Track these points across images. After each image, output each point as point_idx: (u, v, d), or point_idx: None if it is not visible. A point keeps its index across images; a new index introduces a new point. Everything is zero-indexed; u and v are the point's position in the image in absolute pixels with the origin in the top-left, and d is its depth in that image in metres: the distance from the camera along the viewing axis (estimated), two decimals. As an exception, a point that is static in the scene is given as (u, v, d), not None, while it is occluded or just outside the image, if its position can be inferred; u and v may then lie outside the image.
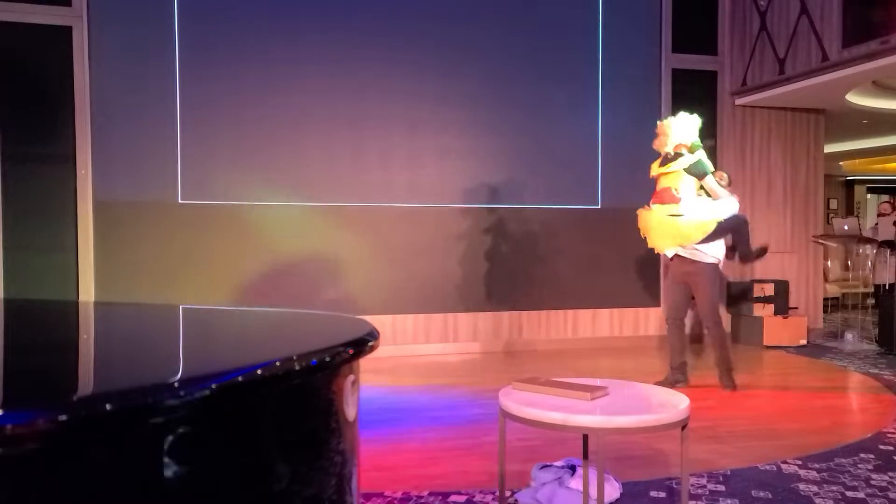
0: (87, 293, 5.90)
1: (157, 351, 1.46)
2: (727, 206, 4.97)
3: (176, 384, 1.00)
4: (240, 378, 1.04)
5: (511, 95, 6.84)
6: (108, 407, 0.90)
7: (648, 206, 5.10)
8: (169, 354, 1.43)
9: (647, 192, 7.30)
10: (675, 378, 5.07)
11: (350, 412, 1.23)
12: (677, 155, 4.93)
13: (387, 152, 6.57)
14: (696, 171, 4.93)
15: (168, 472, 0.96)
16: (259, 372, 1.06)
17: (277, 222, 6.33)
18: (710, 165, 5.04)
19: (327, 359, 1.15)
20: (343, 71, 6.44)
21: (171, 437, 0.96)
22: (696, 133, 5.09)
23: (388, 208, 6.58)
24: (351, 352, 1.20)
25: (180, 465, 0.97)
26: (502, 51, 6.82)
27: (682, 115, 5.10)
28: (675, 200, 4.87)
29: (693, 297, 5.13)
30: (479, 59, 6.75)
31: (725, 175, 5.52)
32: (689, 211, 4.87)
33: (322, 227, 6.43)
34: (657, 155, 5.15)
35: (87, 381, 1.19)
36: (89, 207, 5.95)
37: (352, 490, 1.26)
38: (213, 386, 1.01)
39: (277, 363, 1.09)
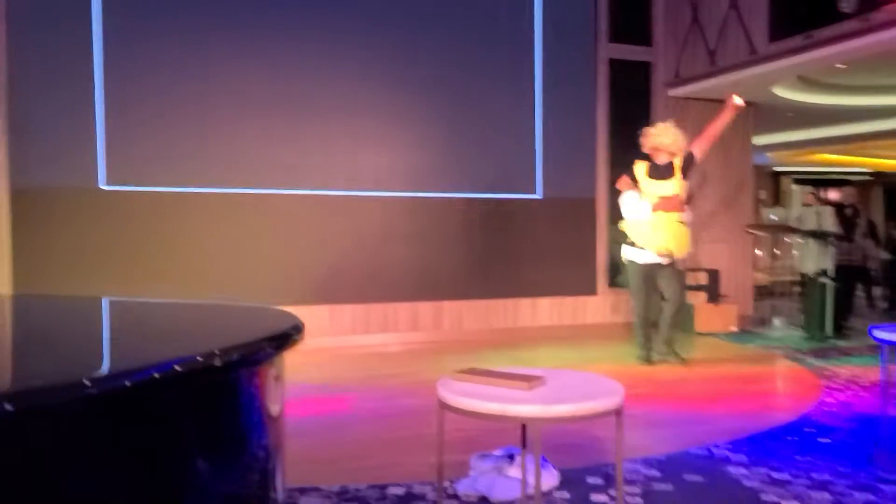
0: (4, 286, 5.61)
1: (73, 346, 1.40)
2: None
3: (88, 382, 0.96)
4: (156, 375, 1.00)
5: (449, 85, 6.81)
6: (8, 408, 0.86)
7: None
8: (85, 350, 1.37)
9: (587, 182, 7.42)
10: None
11: (274, 407, 1.19)
12: (672, 164, 5.21)
13: (325, 140, 6.46)
14: None
15: (83, 472, 0.93)
16: (177, 368, 1.02)
17: (209, 210, 6.14)
18: None
19: (249, 354, 1.11)
20: (280, 56, 6.29)
21: (84, 437, 0.93)
22: None
23: (326, 197, 6.48)
24: (274, 346, 1.16)
25: (95, 465, 0.94)
26: (440, 40, 6.79)
27: (671, 124, 5.37)
28: (683, 209, 5.24)
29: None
30: (417, 48, 6.70)
31: None
32: (687, 218, 5.37)
33: (257, 215, 6.28)
34: (590, 148, 5.36)
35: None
36: (5, 195, 5.65)
37: (276, 485, 1.23)
38: (128, 383, 0.98)
39: (198, 358, 1.04)
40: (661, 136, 5.38)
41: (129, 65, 5.90)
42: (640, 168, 5.48)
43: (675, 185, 5.38)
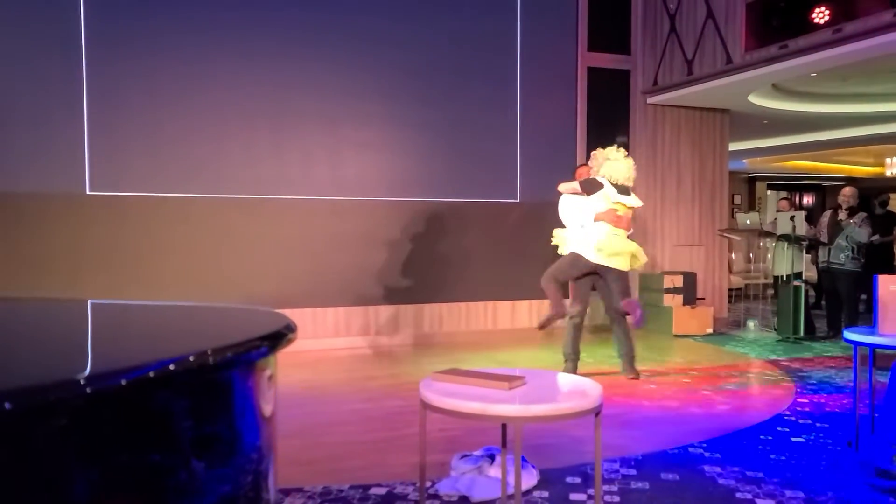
0: (-15, 289, 5.57)
1: (64, 347, 1.40)
2: None
3: (82, 381, 0.96)
4: (151, 374, 1.01)
5: (431, 91, 6.87)
6: (6, 406, 0.87)
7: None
8: (76, 350, 1.37)
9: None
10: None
11: (267, 408, 1.22)
12: (626, 188, 5.14)
13: (307, 145, 6.49)
14: None
15: (76, 472, 0.93)
16: (172, 367, 1.03)
17: (195, 214, 6.14)
18: None
19: (242, 353, 1.13)
20: (262, 63, 6.30)
21: (79, 436, 0.93)
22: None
23: (308, 201, 6.50)
24: (267, 345, 1.19)
25: (89, 464, 0.94)
26: (423, 47, 6.84)
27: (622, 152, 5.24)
28: (630, 229, 5.26)
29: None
30: (399, 55, 6.74)
31: None
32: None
33: (241, 219, 6.29)
34: (570, 153, 5.36)
35: (-15, 380, 1.13)
36: (-14, 199, 5.61)
37: (269, 486, 1.25)
38: (123, 382, 0.98)
39: (191, 358, 1.06)
40: (625, 161, 5.19)
41: (114, 70, 5.88)
42: (609, 192, 5.12)
43: (627, 207, 5.14)
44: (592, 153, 5.36)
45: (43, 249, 5.71)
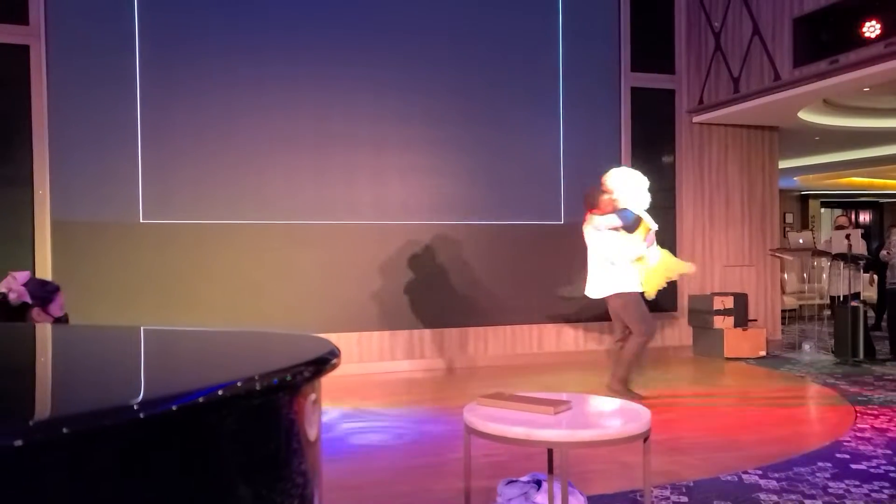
0: (45, 315, 5.76)
1: (117, 373, 1.44)
2: None
3: (135, 406, 0.98)
4: (201, 399, 1.03)
5: (474, 114, 6.91)
6: (64, 431, 0.89)
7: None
8: (129, 376, 1.41)
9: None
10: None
11: (312, 432, 1.23)
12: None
13: (351, 170, 6.58)
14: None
15: (128, 496, 0.95)
16: (220, 392, 1.05)
17: (240, 241, 6.27)
18: None
19: (288, 378, 1.14)
20: (306, 90, 6.44)
21: (130, 461, 0.95)
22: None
23: (352, 226, 6.58)
24: (312, 370, 1.20)
25: (140, 489, 0.96)
26: (465, 70, 6.90)
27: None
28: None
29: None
30: (442, 78, 6.82)
31: None
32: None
33: (286, 245, 6.39)
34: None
35: (44, 405, 1.17)
36: (47, 228, 5.83)
37: (315, 510, 1.25)
38: (174, 407, 1.00)
39: (239, 383, 1.08)
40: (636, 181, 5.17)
41: (164, 105, 6.09)
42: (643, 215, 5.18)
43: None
44: (603, 178, 5.20)
45: (98, 276, 5.90)
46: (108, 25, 5.99)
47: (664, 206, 7.78)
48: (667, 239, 7.75)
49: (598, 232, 5.15)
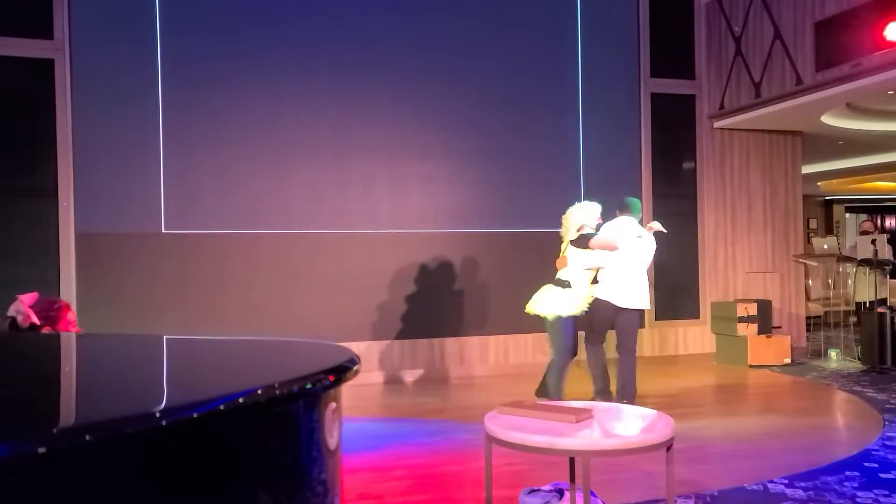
0: (69, 325, 5.83)
1: (139, 381, 1.45)
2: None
3: (157, 413, 0.99)
4: (222, 407, 1.03)
5: (493, 122, 6.91)
6: (87, 438, 0.90)
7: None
8: (151, 384, 1.42)
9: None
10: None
11: (332, 441, 1.23)
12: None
13: (370, 180, 6.61)
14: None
15: (150, 502, 0.95)
16: (241, 400, 1.06)
17: (261, 250, 6.32)
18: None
19: (308, 386, 1.14)
20: (326, 103, 6.49)
21: (152, 467, 0.95)
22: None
23: (371, 235, 6.60)
24: (332, 378, 1.20)
25: (162, 495, 0.97)
26: (483, 78, 6.90)
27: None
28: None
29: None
30: (460, 87, 6.83)
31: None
32: None
33: (306, 254, 6.43)
34: (634, 181, 5.28)
35: (68, 413, 1.19)
36: (71, 240, 5.92)
37: (335, 519, 1.25)
38: (195, 415, 1.01)
39: (259, 391, 1.08)
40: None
41: (185, 117, 6.18)
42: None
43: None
44: (564, 218, 5.29)
45: (122, 286, 5.97)
46: (132, 40, 6.08)
47: (685, 213, 7.72)
48: (687, 245, 7.70)
49: (639, 239, 5.12)
